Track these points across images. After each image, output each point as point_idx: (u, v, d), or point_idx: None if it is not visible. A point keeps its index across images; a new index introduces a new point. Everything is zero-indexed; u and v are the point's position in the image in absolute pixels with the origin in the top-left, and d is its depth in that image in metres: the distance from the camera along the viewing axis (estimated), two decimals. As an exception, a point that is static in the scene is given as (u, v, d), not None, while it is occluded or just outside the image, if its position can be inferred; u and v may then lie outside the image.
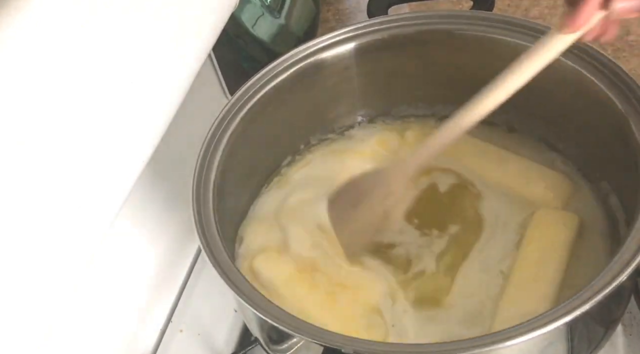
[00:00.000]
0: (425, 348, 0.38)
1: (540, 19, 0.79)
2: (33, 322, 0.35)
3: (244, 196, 0.54)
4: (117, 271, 0.52)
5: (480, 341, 0.34)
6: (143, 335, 0.55)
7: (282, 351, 0.42)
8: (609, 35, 0.39)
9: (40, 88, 0.34)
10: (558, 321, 0.34)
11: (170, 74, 0.45)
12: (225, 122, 0.49)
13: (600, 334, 0.42)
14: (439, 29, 0.54)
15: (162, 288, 0.57)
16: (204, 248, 0.41)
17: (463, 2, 0.84)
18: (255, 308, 0.38)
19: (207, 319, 0.56)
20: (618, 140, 0.46)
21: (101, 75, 0.38)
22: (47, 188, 0.35)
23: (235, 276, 0.40)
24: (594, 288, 0.35)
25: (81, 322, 0.48)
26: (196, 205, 0.44)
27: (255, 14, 0.69)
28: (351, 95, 0.58)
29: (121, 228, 0.50)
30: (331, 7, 0.88)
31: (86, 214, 0.38)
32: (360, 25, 0.54)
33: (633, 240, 0.38)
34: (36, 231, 0.35)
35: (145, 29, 0.42)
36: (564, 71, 0.48)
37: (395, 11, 0.56)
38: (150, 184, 0.54)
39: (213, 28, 0.51)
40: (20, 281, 0.34)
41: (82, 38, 0.37)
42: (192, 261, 0.60)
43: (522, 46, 0.50)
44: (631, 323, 0.50)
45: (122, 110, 0.40)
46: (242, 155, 0.50)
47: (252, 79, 0.52)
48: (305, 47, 0.53)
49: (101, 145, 0.39)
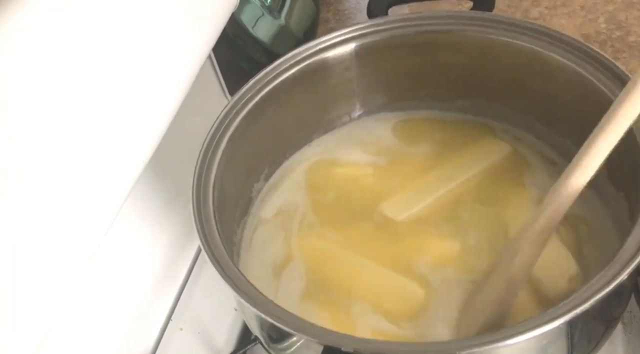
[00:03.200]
0: (425, 347, 0.38)
1: (540, 20, 0.79)
2: (33, 322, 0.35)
3: (244, 196, 0.54)
4: (117, 270, 0.52)
5: (480, 340, 0.34)
6: (143, 334, 0.55)
7: (282, 350, 0.42)
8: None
9: (39, 88, 0.34)
10: (558, 320, 0.34)
11: (171, 74, 0.45)
12: (225, 122, 0.49)
13: (600, 333, 0.42)
14: (439, 29, 0.54)
15: (162, 287, 0.57)
16: (204, 248, 0.41)
17: (463, 2, 0.84)
18: (255, 307, 0.38)
19: (207, 318, 0.56)
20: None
21: (101, 75, 0.39)
22: (46, 188, 0.35)
23: (235, 275, 0.40)
24: (594, 287, 0.35)
25: (81, 321, 0.48)
26: (196, 205, 0.44)
27: (255, 14, 0.69)
28: (351, 95, 0.58)
29: (121, 228, 0.50)
30: (331, 7, 0.88)
31: (86, 214, 0.38)
32: (360, 26, 0.54)
33: (633, 240, 0.38)
34: (35, 231, 0.35)
35: (145, 29, 0.42)
36: (565, 73, 0.48)
37: (395, 11, 0.56)
38: (150, 184, 0.55)
39: (213, 28, 0.51)
40: (20, 281, 0.34)
41: (82, 38, 0.37)
42: (192, 261, 0.60)
43: (522, 47, 0.51)
44: (631, 321, 0.50)
45: (122, 110, 0.40)
46: (242, 155, 0.50)
47: (252, 79, 0.52)
48: (306, 47, 0.53)
49: (101, 145, 0.39)
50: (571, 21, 0.79)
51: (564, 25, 0.78)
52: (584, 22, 0.78)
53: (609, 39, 0.76)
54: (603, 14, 0.79)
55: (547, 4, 0.81)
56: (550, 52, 0.49)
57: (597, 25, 0.78)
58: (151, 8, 0.42)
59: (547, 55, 0.49)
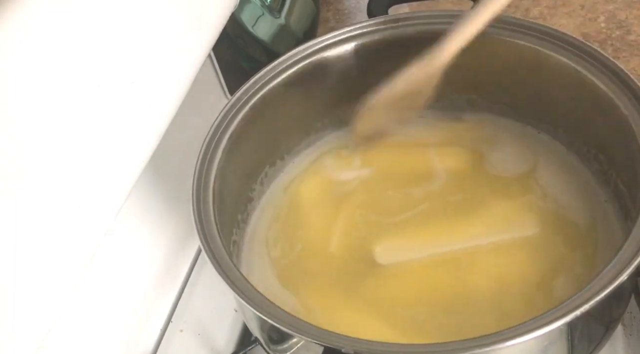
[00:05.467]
0: (425, 348, 0.38)
1: (540, 19, 0.79)
2: (33, 322, 0.35)
3: (244, 196, 0.54)
4: (117, 271, 0.52)
5: (480, 341, 0.34)
6: (143, 335, 0.55)
7: (282, 351, 0.42)
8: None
9: (39, 88, 0.34)
10: (558, 321, 0.34)
11: (171, 74, 0.45)
12: (225, 122, 0.49)
13: (601, 334, 0.42)
14: (439, 29, 0.53)
15: (162, 287, 0.57)
16: (204, 248, 0.41)
17: (463, 2, 0.84)
18: (255, 308, 0.38)
19: (207, 319, 0.56)
20: (618, 140, 0.46)
21: (101, 75, 0.38)
22: (46, 189, 0.35)
23: (235, 276, 0.40)
24: (594, 288, 0.35)
25: (81, 322, 0.48)
26: (196, 205, 0.44)
27: (255, 14, 0.69)
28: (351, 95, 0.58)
29: (121, 228, 0.50)
30: (331, 7, 0.88)
31: (86, 214, 0.38)
32: (360, 25, 0.54)
33: (633, 240, 0.38)
34: (35, 231, 0.35)
35: (145, 29, 0.42)
36: (565, 72, 0.48)
37: (395, 11, 0.56)
38: (150, 184, 0.55)
39: (213, 28, 0.51)
40: (20, 281, 0.34)
41: (82, 38, 0.37)
42: (192, 261, 0.60)
43: (522, 46, 0.50)
44: (631, 322, 0.50)
45: (122, 110, 0.40)
46: (242, 155, 0.50)
47: (252, 79, 0.51)
48: (306, 47, 0.53)
49: (101, 145, 0.39)
50: (571, 20, 0.79)
51: (564, 24, 0.78)
52: (584, 21, 0.78)
53: (609, 38, 0.76)
54: (603, 13, 0.79)
55: (547, 3, 0.81)
56: (550, 51, 0.49)
57: (597, 24, 0.78)
58: (151, 8, 0.42)
59: (547, 54, 0.49)
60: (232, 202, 0.50)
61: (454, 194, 0.52)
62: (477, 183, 0.53)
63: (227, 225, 0.48)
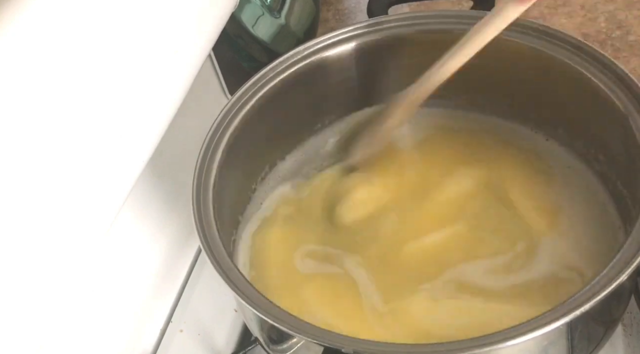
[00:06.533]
0: (425, 348, 0.38)
1: (540, 19, 0.79)
2: (33, 322, 0.35)
3: (244, 196, 0.54)
4: (117, 271, 0.52)
5: (480, 341, 0.34)
6: (143, 335, 0.55)
7: (282, 351, 0.42)
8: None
9: (39, 88, 0.34)
10: (558, 321, 0.34)
11: (170, 74, 0.45)
12: (225, 122, 0.49)
13: (600, 334, 0.42)
14: (439, 29, 0.54)
15: (162, 287, 0.57)
16: (204, 248, 0.41)
17: (463, 2, 0.84)
18: (255, 308, 0.38)
19: (207, 319, 0.56)
20: (618, 140, 0.46)
21: (101, 75, 0.38)
22: (46, 189, 0.35)
23: (235, 276, 0.40)
24: (594, 288, 0.35)
25: (81, 322, 0.48)
26: (196, 205, 0.44)
27: (255, 14, 0.69)
28: (351, 95, 0.58)
29: (121, 228, 0.50)
30: (331, 7, 0.88)
31: (86, 214, 0.38)
32: (360, 25, 0.54)
33: (633, 240, 0.38)
34: (35, 232, 0.35)
35: (145, 29, 0.42)
36: (565, 72, 0.48)
37: (395, 11, 0.56)
38: (150, 184, 0.54)
39: (213, 28, 0.51)
40: (20, 281, 0.34)
41: (82, 38, 0.37)
42: (192, 261, 0.60)
43: (522, 45, 0.50)
44: (631, 323, 0.50)
45: (122, 110, 0.40)
46: (242, 155, 0.50)
47: (252, 79, 0.51)
48: (306, 47, 0.53)
49: (101, 145, 0.39)
50: (571, 20, 0.79)
51: (564, 24, 0.78)
52: (584, 22, 0.78)
53: (609, 38, 0.76)
54: (603, 13, 0.79)
55: (548, 3, 0.81)
56: (550, 51, 0.49)
57: (597, 24, 0.78)
58: (151, 8, 0.42)
59: (547, 54, 0.49)
60: (232, 202, 0.50)
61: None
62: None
63: (227, 225, 0.48)
